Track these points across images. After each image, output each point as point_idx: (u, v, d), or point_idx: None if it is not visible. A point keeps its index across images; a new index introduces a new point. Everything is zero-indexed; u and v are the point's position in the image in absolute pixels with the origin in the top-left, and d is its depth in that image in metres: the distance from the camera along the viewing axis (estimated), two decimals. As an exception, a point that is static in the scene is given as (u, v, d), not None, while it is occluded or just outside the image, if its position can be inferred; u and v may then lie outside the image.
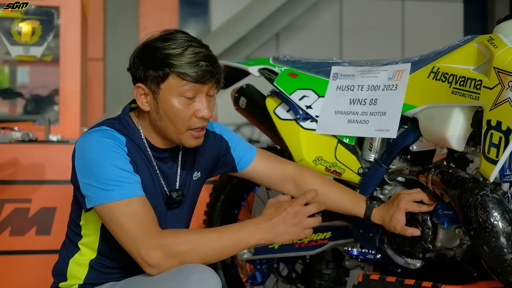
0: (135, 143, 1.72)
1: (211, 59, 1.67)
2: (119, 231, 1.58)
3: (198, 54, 1.65)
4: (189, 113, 1.68)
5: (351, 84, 2.16)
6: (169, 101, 1.66)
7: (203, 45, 1.69)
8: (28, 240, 2.96)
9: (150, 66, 1.66)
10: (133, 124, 1.76)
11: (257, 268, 2.60)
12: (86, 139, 1.66)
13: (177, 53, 1.64)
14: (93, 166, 1.61)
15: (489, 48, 1.71)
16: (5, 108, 4.96)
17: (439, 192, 1.83)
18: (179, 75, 1.63)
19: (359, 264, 2.22)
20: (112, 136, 1.67)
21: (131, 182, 1.62)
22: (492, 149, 1.65)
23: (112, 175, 1.59)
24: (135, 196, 1.60)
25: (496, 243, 1.64)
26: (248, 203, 2.80)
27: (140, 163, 1.72)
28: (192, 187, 1.87)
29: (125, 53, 7.06)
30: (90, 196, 1.61)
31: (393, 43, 7.24)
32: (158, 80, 1.66)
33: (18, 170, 2.96)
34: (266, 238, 1.61)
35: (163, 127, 1.70)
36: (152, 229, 1.57)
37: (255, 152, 2.03)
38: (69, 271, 1.77)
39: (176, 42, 1.66)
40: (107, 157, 1.61)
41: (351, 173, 2.13)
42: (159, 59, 1.65)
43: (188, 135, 1.70)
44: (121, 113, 1.80)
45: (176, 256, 1.55)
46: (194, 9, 6.84)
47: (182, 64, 1.63)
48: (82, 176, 1.63)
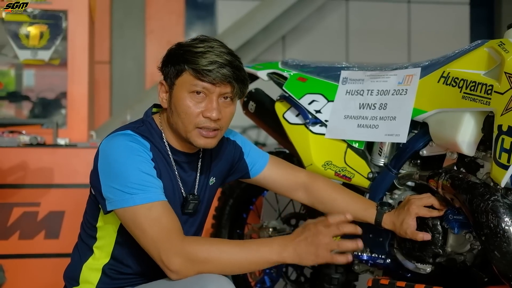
0: (158, 148, 1.73)
1: (230, 64, 1.67)
2: (141, 235, 1.58)
3: (219, 56, 1.66)
4: (197, 111, 1.68)
5: (361, 89, 2.15)
6: (180, 97, 1.68)
7: (229, 52, 1.69)
8: (37, 244, 2.97)
9: (170, 62, 1.70)
10: (156, 126, 1.77)
11: (266, 272, 2.60)
12: (111, 142, 1.66)
13: (197, 51, 1.65)
14: (118, 169, 1.61)
15: (500, 53, 1.71)
16: (12, 111, 4.97)
17: (449, 197, 1.83)
18: (193, 71, 1.65)
19: (368, 268, 2.21)
20: (137, 140, 1.68)
21: (154, 187, 1.62)
22: (503, 154, 1.64)
23: (136, 178, 1.59)
24: (158, 201, 1.60)
25: (507, 248, 1.63)
26: (257, 207, 2.80)
27: (163, 169, 1.73)
28: (208, 192, 1.88)
29: (132, 56, 7.09)
30: (112, 199, 1.61)
31: (399, 45, 7.23)
32: (174, 75, 1.69)
33: (27, 174, 2.97)
34: (290, 257, 1.57)
35: (175, 123, 1.72)
36: (174, 235, 1.57)
37: (267, 158, 2.04)
38: (82, 275, 1.77)
39: (201, 40, 1.69)
40: (132, 161, 1.61)
41: (361, 178, 2.13)
42: (179, 55, 1.68)
43: (195, 134, 1.70)
44: (144, 116, 1.81)
45: (196, 264, 1.54)
46: (201, 12, 6.84)
47: (197, 61, 1.64)
48: (105, 178, 1.63)
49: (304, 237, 1.58)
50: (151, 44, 6.46)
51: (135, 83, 6.35)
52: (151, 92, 5.75)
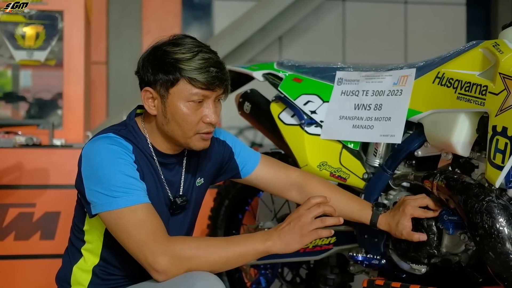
0: (141, 150, 1.72)
1: (220, 65, 1.68)
2: (126, 238, 1.58)
3: (208, 60, 1.65)
4: (197, 118, 1.68)
5: (356, 89, 2.16)
6: (177, 106, 1.66)
7: (211, 51, 1.70)
8: (32, 245, 2.96)
9: (160, 70, 1.66)
10: (139, 129, 1.76)
11: (262, 273, 2.60)
12: (93, 146, 1.66)
13: (187, 58, 1.64)
14: (100, 173, 1.60)
15: (494, 54, 1.71)
16: (8, 112, 4.97)
17: (444, 197, 1.83)
18: (190, 80, 1.64)
19: (363, 269, 2.21)
20: (119, 143, 1.67)
21: (138, 189, 1.62)
22: (498, 155, 1.64)
23: (119, 181, 1.59)
24: (141, 203, 1.60)
25: (502, 249, 1.63)
26: (252, 207, 2.80)
27: (146, 171, 1.72)
28: (195, 193, 1.87)
29: (128, 56, 7.10)
30: (96, 203, 1.61)
31: (396, 46, 7.25)
32: (168, 84, 1.66)
33: (22, 175, 2.97)
34: (276, 246, 1.60)
35: (170, 131, 1.70)
36: (160, 236, 1.57)
37: (259, 158, 2.03)
38: (73, 277, 1.77)
39: (185, 47, 1.66)
40: (114, 164, 1.61)
41: (356, 178, 2.13)
42: (170, 63, 1.65)
43: (196, 138, 1.71)
44: (126, 119, 1.80)
45: (184, 262, 1.54)
46: (197, 12, 6.85)
47: (192, 69, 1.63)
48: (88, 182, 1.63)
49: (286, 223, 1.62)
50: (147, 45, 6.35)
51: (131, 84, 6.31)
52: (147, 93, 5.73)
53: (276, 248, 1.60)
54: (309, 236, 1.60)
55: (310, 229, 1.60)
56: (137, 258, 1.58)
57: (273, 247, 1.60)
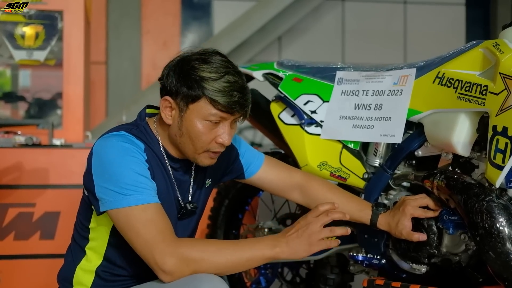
0: (153, 150, 1.72)
1: (244, 90, 1.68)
2: (134, 237, 1.58)
3: (233, 84, 1.65)
4: (210, 137, 1.69)
5: (356, 89, 2.16)
6: (193, 122, 1.66)
7: (238, 74, 1.69)
8: (32, 245, 2.96)
9: (184, 84, 1.66)
10: (151, 131, 1.76)
11: (262, 273, 2.60)
12: (105, 143, 1.66)
13: (213, 79, 1.63)
14: (111, 170, 1.60)
15: (494, 54, 1.71)
16: (7, 112, 4.97)
17: (444, 197, 1.83)
18: (211, 101, 1.63)
19: (364, 269, 2.21)
20: (131, 141, 1.67)
21: (149, 188, 1.62)
22: (498, 155, 1.64)
23: (130, 179, 1.59)
24: (152, 203, 1.60)
25: (502, 249, 1.63)
26: (252, 207, 2.80)
27: (157, 171, 1.72)
28: (203, 195, 1.89)
29: (128, 56, 7.10)
30: (106, 200, 1.60)
31: (395, 46, 7.24)
32: (189, 99, 1.65)
33: (22, 175, 2.96)
34: (284, 253, 1.60)
35: (182, 143, 1.71)
36: (168, 236, 1.57)
37: (263, 159, 2.04)
38: (76, 277, 1.77)
39: (213, 66, 1.66)
40: (126, 162, 1.61)
41: (356, 178, 2.13)
42: (195, 80, 1.64)
43: (204, 156, 1.72)
44: (137, 119, 1.80)
45: (191, 264, 1.54)
46: (197, 13, 6.84)
47: (215, 90, 1.63)
48: (98, 179, 1.62)
49: (295, 230, 1.62)
50: (147, 45, 6.45)
51: (131, 84, 6.34)
52: (147, 93, 5.74)
53: (284, 255, 1.60)
54: (317, 245, 1.61)
55: (318, 238, 1.60)
56: (144, 257, 1.58)
57: (281, 254, 1.60)
